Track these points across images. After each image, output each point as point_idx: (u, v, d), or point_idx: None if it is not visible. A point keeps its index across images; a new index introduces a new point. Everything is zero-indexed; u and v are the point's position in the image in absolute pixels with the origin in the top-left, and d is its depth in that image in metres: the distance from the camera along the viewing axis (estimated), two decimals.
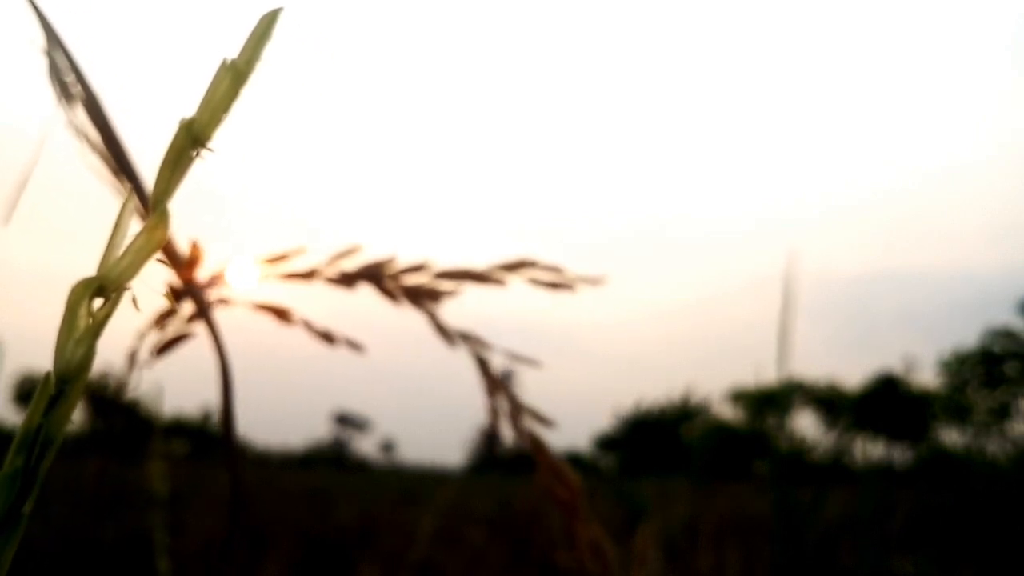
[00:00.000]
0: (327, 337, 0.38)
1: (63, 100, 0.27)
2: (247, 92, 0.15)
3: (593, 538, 0.35)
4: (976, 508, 1.37)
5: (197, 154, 0.15)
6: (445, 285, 0.38)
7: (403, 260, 0.38)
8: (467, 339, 0.38)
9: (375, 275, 0.38)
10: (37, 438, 0.15)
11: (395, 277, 0.38)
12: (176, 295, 0.35)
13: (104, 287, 0.15)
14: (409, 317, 0.38)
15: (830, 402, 19.35)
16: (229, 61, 0.15)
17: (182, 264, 0.35)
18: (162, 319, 0.36)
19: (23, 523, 0.15)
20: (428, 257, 0.38)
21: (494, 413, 0.37)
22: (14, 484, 0.15)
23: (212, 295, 0.37)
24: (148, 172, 0.29)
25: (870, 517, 1.05)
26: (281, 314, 0.38)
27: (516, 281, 0.38)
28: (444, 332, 0.38)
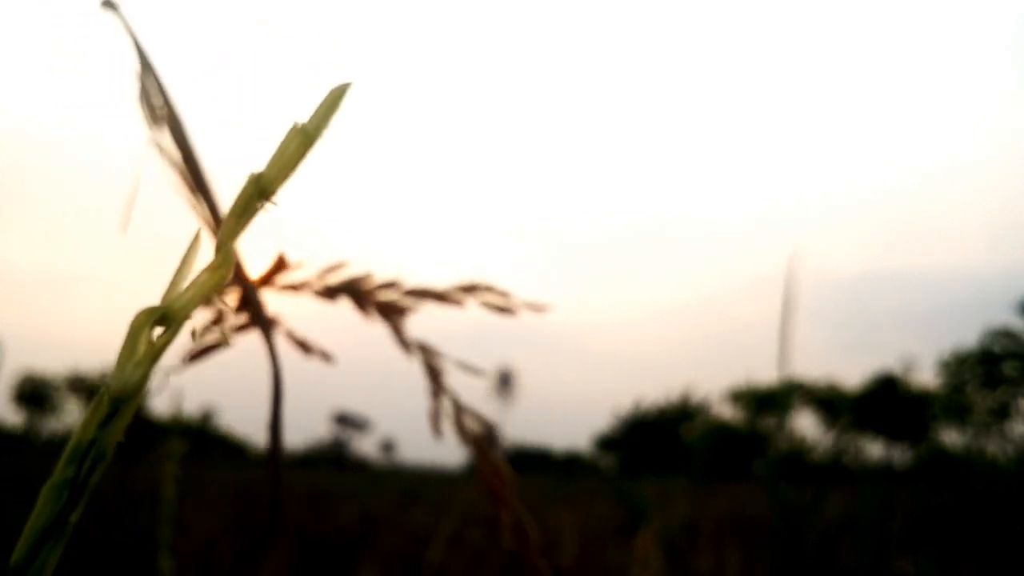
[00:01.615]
0: (304, 346, 0.41)
1: (151, 122, 0.30)
2: (314, 155, 0.17)
3: (516, 521, 0.39)
4: (976, 508, 1.37)
5: (262, 206, 0.17)
6: (409, 302, 0.42)
7: (378, 277, 0.42)
8: (423, 349, 0.42)
9: (354, 290, 0.41)
10: (88, 452, 0.16)
11: (370, 293, 0.41)
12: (238, 306, 0.37)
13: (166, 317, 0.16)
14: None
15: (830, 402, 19.37)
16: (300, 125, 0.17)
17: (246, 276, 0.37)
18: (210, 328, 0.38)
19: (68, 532, 0.16)
20: (399, 274, 0.42)
21: (436, 416, 0.41)
22: (62, 494, 0.16)
23: (272, 309, 0.39)
24: (220, 191, 0.33)
25: (870, 517, 1.05)
26: (266, 323, 0.39)
27: (471, 303, 0.42)
28: (403, 343, 0.41)
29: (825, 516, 1.03)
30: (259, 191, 0.17)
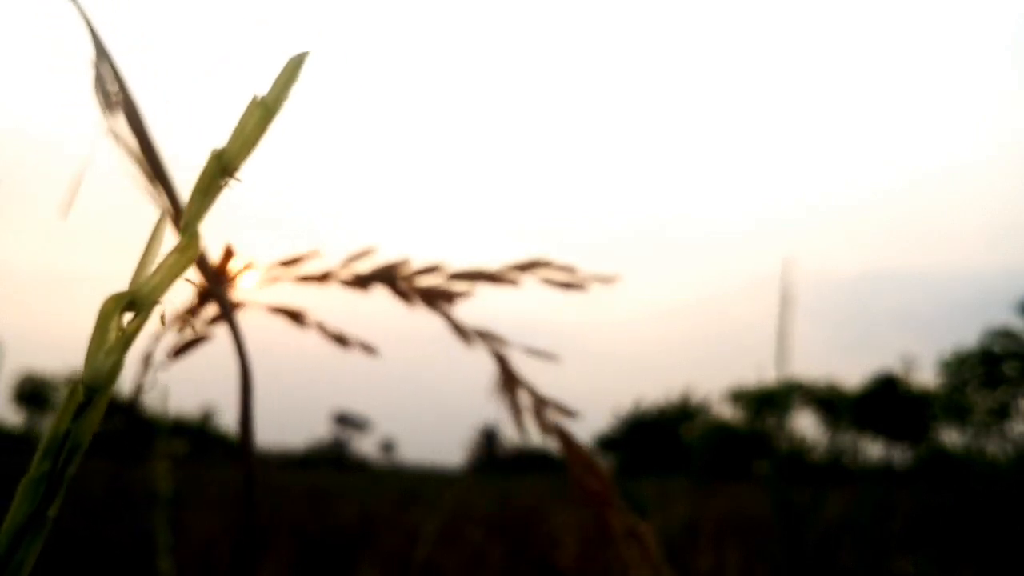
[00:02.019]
0: (341, 339, 0.39)
1: (106, 109, 0.29)
2: (275, 127, 0.16)
3: (630, 526, 0.35)
4: (976, 508, 1.37)
5: (226, 183, 0.16)
6: (459, 286, 0.38)
7: (417, 262, 0.38)
8: (485, 337, 0.38)
9: (389, 277, 0.38)
10: (64, 444, 0.16)
11: (409, 279, 0.38)
12: (201, 298, 0.36)
13: (135, 302, 0.16)
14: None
15: (830, 402, 19.36)
16: (259, 98, 0.16)
17: (210, 268, 0.35)
18: (182, 322, 0.37)
19: (48, 526, 0.16)
20: (441, 259, 0.38)
21: (516, 409, 0.37)
22: (40, 488, 0.16)
23: (235, 298, 0.37)
24: (181, 180, 0.31)
25: (870, 517, 1.05)
26: (296, 316, 0.38)
27: (529, 281, 0.38)
28: (461, 331, 0.38)
29: (825, 516, 1.03)
30: (222, 168, 0.16)
